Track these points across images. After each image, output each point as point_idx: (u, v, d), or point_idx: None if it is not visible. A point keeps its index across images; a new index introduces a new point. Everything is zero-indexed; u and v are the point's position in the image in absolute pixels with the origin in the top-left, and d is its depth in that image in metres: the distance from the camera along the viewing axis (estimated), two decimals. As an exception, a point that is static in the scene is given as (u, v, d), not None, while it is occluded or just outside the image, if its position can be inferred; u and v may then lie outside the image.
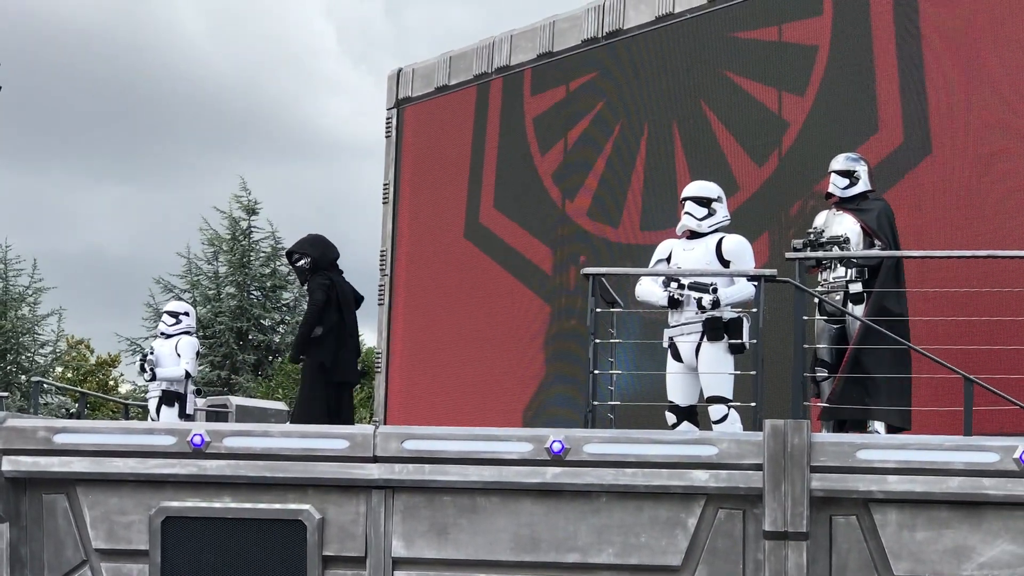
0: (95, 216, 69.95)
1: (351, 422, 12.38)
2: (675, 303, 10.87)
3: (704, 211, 11.16)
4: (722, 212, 11.24)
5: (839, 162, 11.68)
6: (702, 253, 11.03)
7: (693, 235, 11.19)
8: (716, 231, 11.15)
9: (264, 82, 73.22)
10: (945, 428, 10.74)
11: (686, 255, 11.08)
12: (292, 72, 73.14)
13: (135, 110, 67.83)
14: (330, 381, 12.22)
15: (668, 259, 11.18)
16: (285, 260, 36.47)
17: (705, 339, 10.77)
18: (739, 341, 10.71)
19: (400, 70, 18.46)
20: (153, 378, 15.38)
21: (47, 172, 66.38)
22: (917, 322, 11.32)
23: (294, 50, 73.95)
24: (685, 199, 11.27)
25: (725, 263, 10.94)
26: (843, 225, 11.40)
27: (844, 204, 11.57)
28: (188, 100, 68.79)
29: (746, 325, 10.72)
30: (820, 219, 11.65)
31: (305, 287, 12.76)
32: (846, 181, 11.59)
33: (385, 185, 18.29)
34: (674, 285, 10.86)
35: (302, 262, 12.51)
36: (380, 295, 17.74)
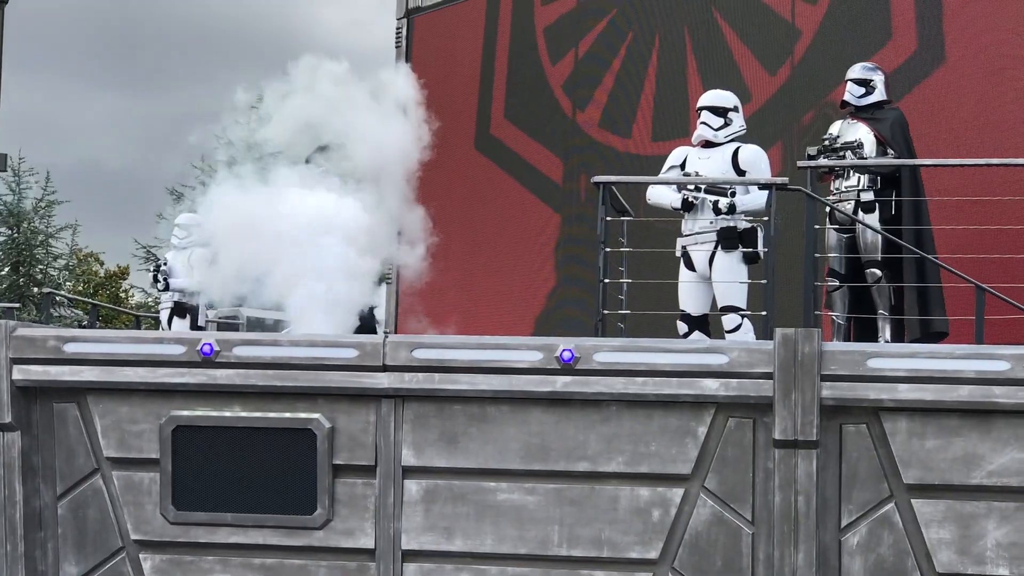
0: (84, 128, 69.37)
1: None
2: (689, 206, 10.82)
3: (720, 121, 11.09)
4: (738, 122, 11.18)
5: (856, 71, 11.61)
6: (718, 162, 10.97)
7: (709, 144, 11.12)
8: (732, 141, 11.08)
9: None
10: (956, 337, 10.72)
11: (701, 163, 11.02)
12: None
13: (120, 20, 67.25)
14: None
15: (682, 166, 11.12)
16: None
17: (719, 248, 10.74)
18: (753, 250, 10.68)
19: (410, -21, 18.29)
20: (167, 288, 15.43)
21: (32, 82, 65.80)
22: (937, 231, 11.27)
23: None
24: (701, 108, 11.19)
25: (741, 173, 10.88)
26: (857, 134, 11.35)
27: (859, 113, 11.52)
28: (176, 8, 68.09)
29: (760, 235, 10.69)
30: (835, 128, 11.60)
31: None
32: (862, 90, 11.52)
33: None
34: (690, 188, 10.82)
35: None
36: (391, 206, 17.67)
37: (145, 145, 63.44)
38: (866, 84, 11.53)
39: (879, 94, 11.54)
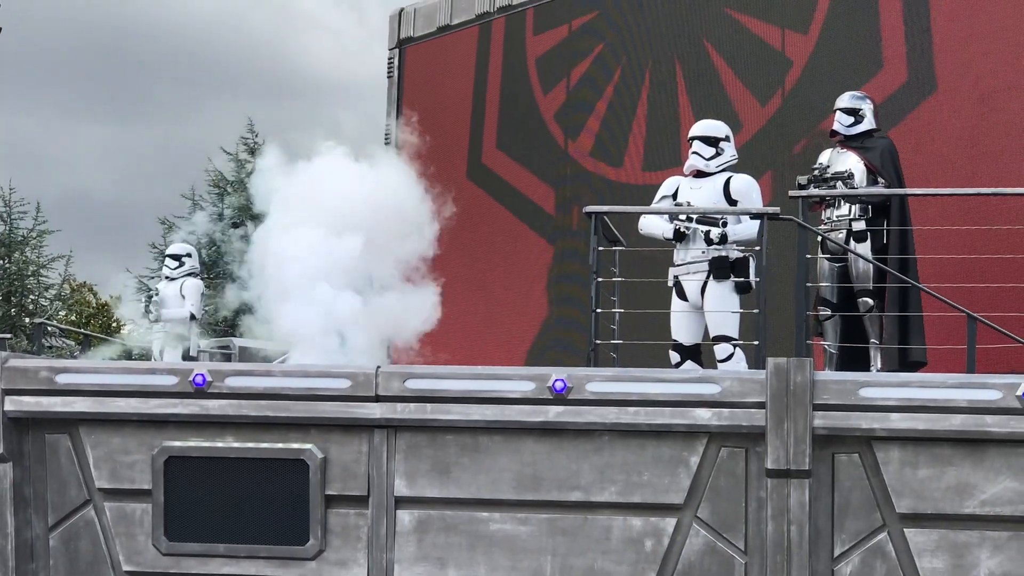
0: (74, 157, 69.28)
1: None
2: (681, 236, 10.84)
3: (712, 151, 11.10)
4: (730, 151, 11.18)
5: (844, 100, 11.64)
6: (710, 192, 10.98)
7: (700, 174, 11.14)
8: (724, 170, 11.10)
9: (243, 21, 72.35)
10: (948, 366, 10.73)
11: (693, 193, 11.03)
12: (272, 10, 72.18)
13: (109, 49, 67.23)
14: None
15: (674, 196, 11.13)
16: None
17: (711, 278, 10.75)
18: (745, 280, 10.69)
19: (402, 10, 18.38)
20: (158, 319, 15.40)
21: (22, 112, 65.79)
22: (921, 260, 11.30)
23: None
24: (692, 138, 11.20)
25: (733, 202, 10.90)
26: (847, 163, 11.38)
27: (848, 142, 11.55)
28: (166, 39, 68.11)
29: (752, 265, 10.70)
30: (824, 157, 11.63)
31: None
32: (850, 119, 11.55)
33: (387, 126, 18.22)
34: (682, 218, 10.83)
35: None
36: (383, 236, 17.68)
37: (134, 175, 63.45)
38: (854, 113, 11.57)
39: (868, 123, 11.57)
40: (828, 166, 11.40)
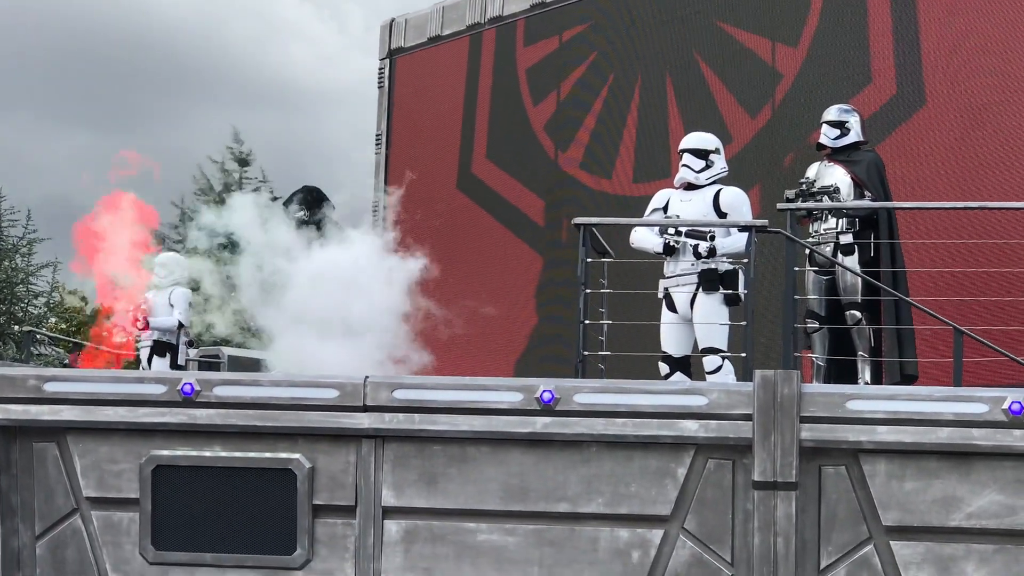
0: (53, 163, 69.03)
1: None
2: (670, 250, 10.86)
3: (702, 163, 11.12)
4: (720, 164, 11.20)
5: (831, 113, 11.69)
6: (699, 204, 11.00)
7: (691, 186, 11.15)
8: (714, 183, 11.12)
9: (225, 28, 72.07)
10: (935, 379, 10.76)
11: (683, 206, 11.05)
12: (253, 18, 71.88)
13: (89, 56, 67.05)
14: None
15: (665, 208, 11.15)
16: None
17: (701, 290, 10.77)
18: (734, 292, 10.71)
19: (392, 20, 18.40)
20: (146, 327, 15.38)
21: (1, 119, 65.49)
22: (912, 273, 11.33)
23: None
24: (683, 151, 11.22)
25: (722, 215, 10.92)
26: (833, 176, 11.42)
27: (835, 155, 11.58)
28: (146, 46, 67.89)
29: (742, 277, 10.72)
30: (812, 170, 11.66)
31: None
32: (837, 132, 11.59)
33: (378, 135, 18.24)
34: (671, 231, 10.86)
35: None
36: (372, 246, 17.68)
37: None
38: (841, 126, 11.61)
39: (854, 135, 11.61)
40: (814, 181, 11.44)
